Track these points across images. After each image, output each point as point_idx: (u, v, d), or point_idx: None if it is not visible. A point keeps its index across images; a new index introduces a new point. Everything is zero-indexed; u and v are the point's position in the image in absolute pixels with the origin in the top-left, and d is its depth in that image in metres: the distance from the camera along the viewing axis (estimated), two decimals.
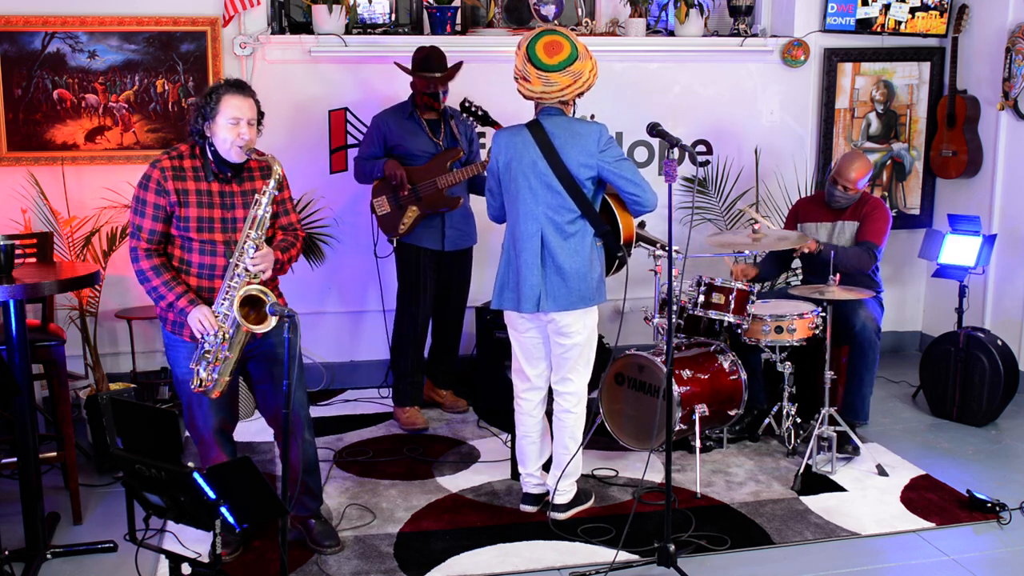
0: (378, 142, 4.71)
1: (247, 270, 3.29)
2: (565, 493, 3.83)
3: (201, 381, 3.31)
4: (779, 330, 4.37)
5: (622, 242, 3.79)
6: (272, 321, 3.21)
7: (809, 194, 5.61)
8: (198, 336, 3.29)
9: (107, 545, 3.55)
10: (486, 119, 4.66)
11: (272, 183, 3.33)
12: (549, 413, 3.91)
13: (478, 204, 4.75)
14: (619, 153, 3.62)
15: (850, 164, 4.66)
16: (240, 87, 3.34)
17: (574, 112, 3.73)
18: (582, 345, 3.72)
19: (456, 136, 4.77)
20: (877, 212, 4.70)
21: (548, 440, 3.93)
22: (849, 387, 4.62)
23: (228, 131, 3.27)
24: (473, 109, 4.65)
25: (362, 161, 4.76)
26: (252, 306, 3.26)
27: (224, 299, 3.28)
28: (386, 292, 5.29)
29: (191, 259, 3.36)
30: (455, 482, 4.20)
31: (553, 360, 3.80)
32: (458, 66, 4.75)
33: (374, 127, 4.75)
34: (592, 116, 4.09)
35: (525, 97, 3.65)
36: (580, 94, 3.62)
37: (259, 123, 3.41)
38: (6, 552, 3.34)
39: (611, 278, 3.90)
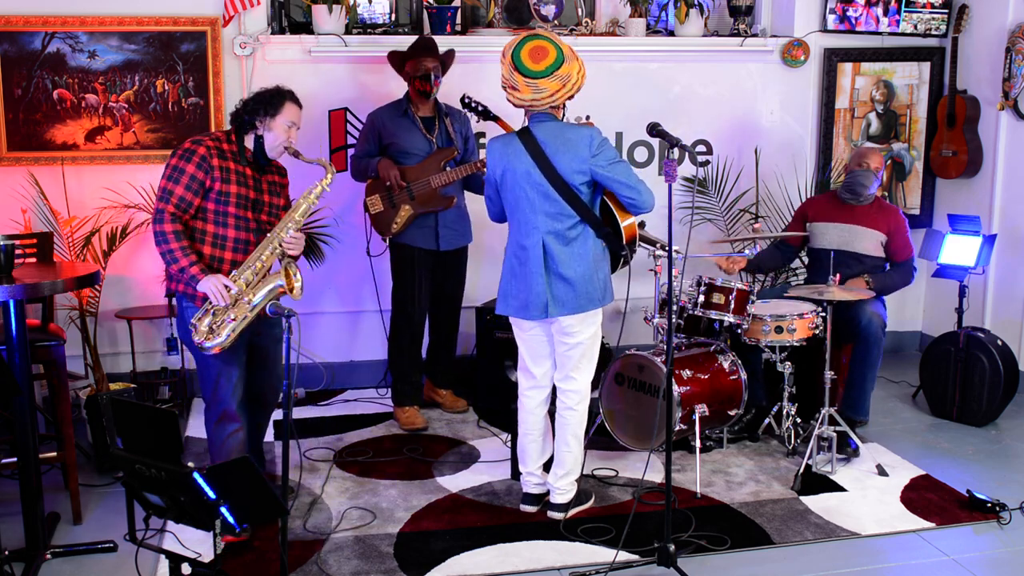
0: (372, 139, 4.71)
1: (280, 246, 3.61)
2: (565, 493, 3.84)
3: (203, 335, 3.52)
4: (779, 330, 4.37)
5: (624, 241, 3.78)
6: (297, 288, 3.54)
7: (810, 194, 5.61)
8: (214, 300, 3.50)
9: (107, 545, 3.55)
10: (487, 114, 4.63)
11: (326, 181, 3.75)
12: (552, 413, 3.91)
13: (473, 203, 4.75)
14: (613, 156, 3.58)
15: (867, 151, 4.81)
16: (297, 99, 3.74)
17: (564, 115, 3.71)
18: (585, 344, 3.73)
19: (451, 134, 4.76)
20: (902, 227, 4.76)
21: (550, 439, 3.93)
22: (851, 383, 4.62)
23: (284, 132, 3.66)
24: (474, 105, 4.61)
25: (358, 159, 4.77)
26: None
27: (249, 267, 3.57)
28: (381, 292, 5.28)
29: (227, 234, 3.61)
30: (455, 482, 4.20)
31: (557, 358, 3.80)
32: (450, 53, 4.74)
33: (368, 124, 4.74)
34: (587, 117, 4.08)
35: (515, 105, 3.63)
36: (570, 97, 3.59)
37: None
38: (6, 552, 3.34)
39: (613, 276, 3.89)
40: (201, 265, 3.51)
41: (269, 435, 4.63)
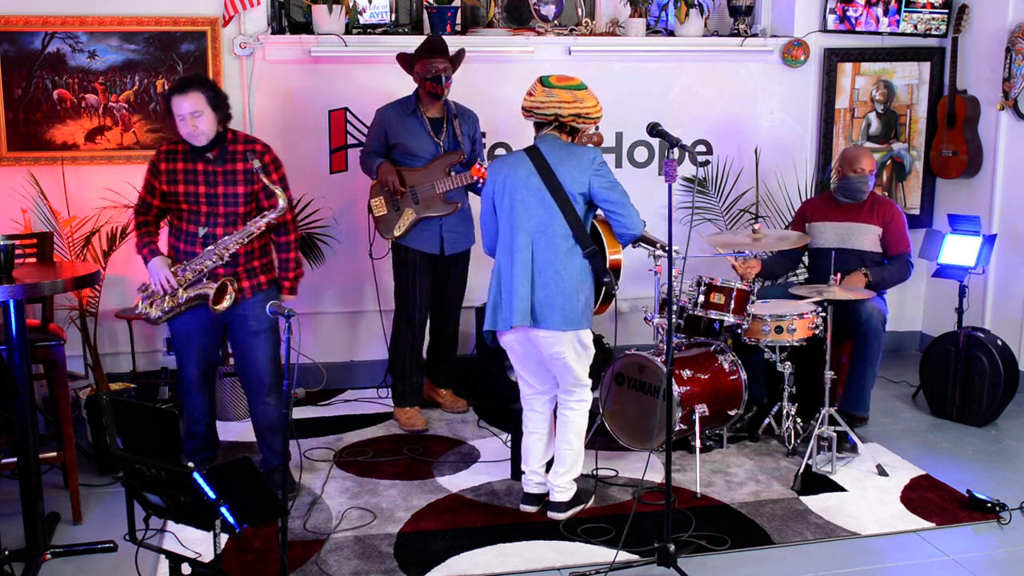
0: (380, 137, 4.70)
1: (221, 257, 3.85)
2: (565, 491, 3.84)
3: (143, 306, 3.94)
4: (779, 330, 4.37)
5: (608, 266, 3.80)
6: (223, 305, 3.83)
7: (810, 194, 5.61)
8: (152, 285, 3.89)
9: (107, 545, 3.55)
10: None
11: (271, 215, 3.89)
12: (554, 412, 3.92)
13: (477, 205, 4.74)
14: (612, 179, 3.70)
15: (857, 153, 4.80)
16: (180, 87, 3.78)
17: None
18: (577, 362, 3.75)
19: (458, 137, 4.75)
20: (897, 219, 4.78)
21: (554, 440, 3.93)
22: (851, 379, 4.62)
23: (185, 125, 3.78)
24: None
25: (365, 155, 4.77)
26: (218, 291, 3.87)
27: (190, 268, 3.85)
28: (383, 293, 5.27)
29: (182, 227, 3.94)
30: (455, 482, 4.20)
31: (555, 374, 3.81)
32: (461, 53, 4.72)
33: (377, 121, 4.73)
34: (597, 128, 4.10)
35: (525, 110, 3.73)
36: (576, 116, 3.67)
37: (220, 106, 3.82)
38: (6, 552, 3.34)
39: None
40: (151, 247, 3.91)
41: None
